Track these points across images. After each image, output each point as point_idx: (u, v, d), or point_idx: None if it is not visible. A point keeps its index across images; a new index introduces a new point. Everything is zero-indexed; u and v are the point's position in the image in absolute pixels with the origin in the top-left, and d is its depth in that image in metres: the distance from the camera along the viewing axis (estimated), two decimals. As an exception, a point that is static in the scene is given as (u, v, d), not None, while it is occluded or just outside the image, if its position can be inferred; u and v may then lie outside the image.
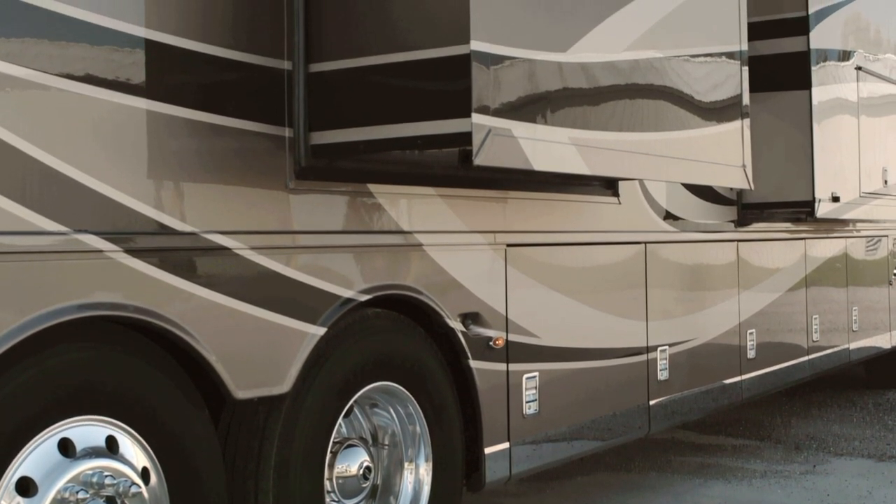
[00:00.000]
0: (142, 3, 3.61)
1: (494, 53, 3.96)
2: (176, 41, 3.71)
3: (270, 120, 4.01)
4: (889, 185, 9.09)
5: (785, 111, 7.43)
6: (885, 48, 9.27)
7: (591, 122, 4.62)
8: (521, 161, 4.16)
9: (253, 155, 3.95)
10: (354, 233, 4.35)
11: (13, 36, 3.24)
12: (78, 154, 3.38)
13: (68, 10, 3.38)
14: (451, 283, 4.79)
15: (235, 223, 3.85)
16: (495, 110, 3.96)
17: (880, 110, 8.99)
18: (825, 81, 7.71)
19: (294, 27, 4.06)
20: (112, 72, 3.50)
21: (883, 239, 10.17)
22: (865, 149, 8.49)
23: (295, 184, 4.07)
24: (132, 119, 3.56)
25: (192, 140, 3.74)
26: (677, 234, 6.70)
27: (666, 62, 5.18)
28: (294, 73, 4.05)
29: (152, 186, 3.61)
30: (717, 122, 5.69)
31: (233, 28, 3.90)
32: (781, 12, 7.45)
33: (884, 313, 10.12)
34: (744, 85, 5.93)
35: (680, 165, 5.38)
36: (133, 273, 3.50)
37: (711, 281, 7.14)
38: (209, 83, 3.83)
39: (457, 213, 4.83)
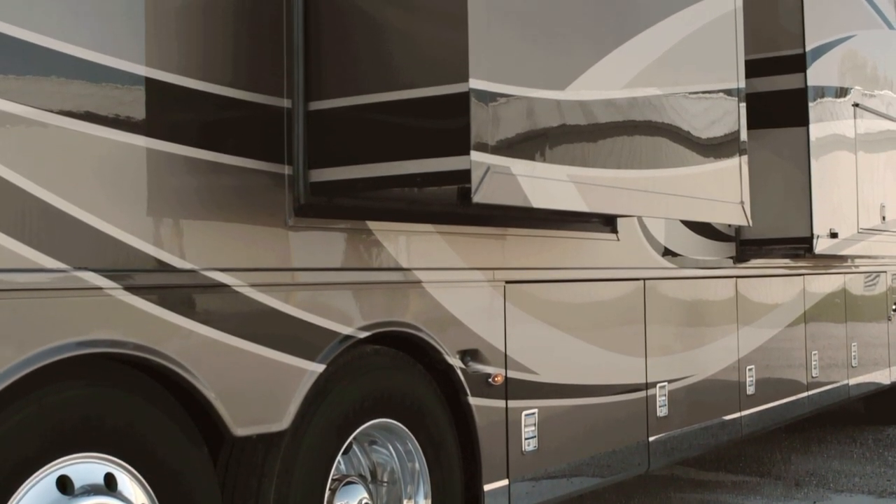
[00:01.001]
0: (142, 42, 3.63)
1: (493, 91, 3.98)
2: (176, 79, 3.73)
3: (270, 157, 4.02)
4: (887, 221, 9.11)
5: (783, 148, 7.46)
6: (881, 84, 9.31)
7: (589, 160, 4.64)
8: (519, 198, 4.17)
9: (252, 192, 3.96)
10: (353, 270, 4.35)
11: (13, 74, 3.26)
12: (78, 191, 3.39)
13: (69, 49, 3.40)
14: (450, 319, 4.80)
15: (235, 260, 3.85)
16: (494, 148, 3.98)
17: (878, 146, 9.02)
18: (823, 118, 7.74)
19: (294, 65, 4.08)
20: (112, 110, 3.52)
21: (881, 275, 10.17)
22: (863, 185, 8.51)
23: (294, 221, 4.08)
24: (132, 157, 3.57)
25: (192, 178, 3.76)
26: (676, 271, 6.71)
27: (664, 99, 5.21)
28: (293, 111, 4.07)
29: (152, 224, 3.62)
30: (715, 159, 5.71)
31: (232, 66, 3.92)
32: (778, 50, 7.49)
33: (883, 349, 10.11)
34: (741, 122, 5.96)
35: (678, 202, 5.39)
36: (132, 310, 3.51)
37: (710, 317, 7.14)
38: (209, 121, 3.85)
39: (455, 249, 4.84)
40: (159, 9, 3.69)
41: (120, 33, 3.56)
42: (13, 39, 3.26)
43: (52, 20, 3.36)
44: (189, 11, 3.80)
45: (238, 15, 3.97)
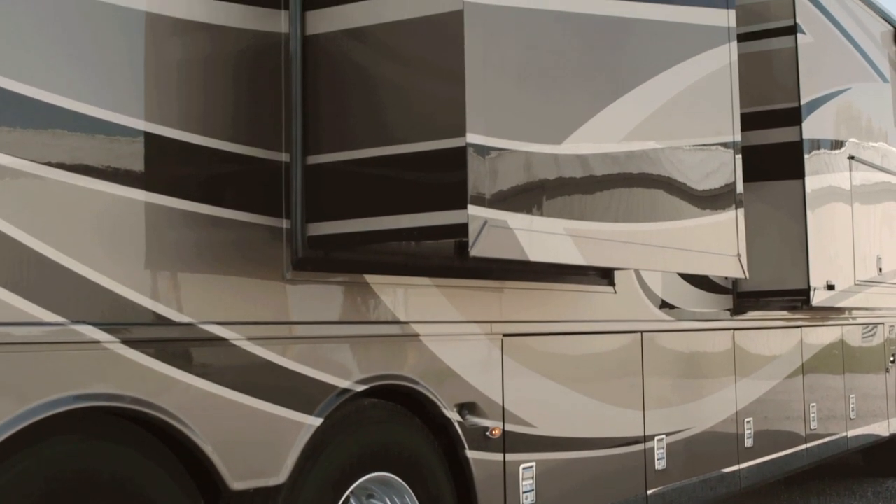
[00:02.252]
0: (141, 96, 3.65)
1: (490, 146, 4.01)
2: (175, 133, 3.75)
3: (268, 211, 4.04)
4: (884, 272, 9.13)
5: (779, 200, 7.49)
6: (876, 136, 9.36)
7: (586, 213, 4.66)
8: (517, 252, 4.18)
9: (250, 246, 3.97)
10: (351, 323, 4.36)
11: (12, 127, 3.28)
12: (76, 245, 3.40)
13: (68, 103, 3.42)
14: (448, 373, 4.79)
15: (232, 314, 3.86)
16: (491, 202, 3.99)
17: (873, 198, 9.06)
18: (818, 170, 7.78)
19: (292, 119, 4.11)
20: (111, 163, 3.53)
21: (879, 326, 10.18)
22: (859, 237, 8.54)
23: (292, 274, 4.09)
24: (130, 210, 3.58)
25: (190, 231, 3.77)
26: (673, 323, 6.71)
27: (660, 152, 5.24)
28: (292, 165, 4.09)
29: (149, 277, 3.62)
30: (711, 212, 5.73)
31: (231, 120, 3.95)
32: (774, 103, 7.55)
33: (881, 400, 10.09)
34: (738, 174, 5.99)
35: (675, 255, 5.40)
36: (129, 364, 3.50)
37: (708, 369, 7.14)
38: (207, 175, 3.87)
39: (453, 303, 4.85)
40: (159, 63, 3.72)
41: (120, 87, 3.59)
42: (12, 93, 3.28)
43: (52, 74, 3.39)
44: (188, 66, 3.83)
45: (237, 69, 4.00)
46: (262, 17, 4.11)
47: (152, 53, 3.71)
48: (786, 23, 7.53)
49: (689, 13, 5.62)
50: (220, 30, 3.95)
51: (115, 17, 3.61)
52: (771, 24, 7.56)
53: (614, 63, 4.99)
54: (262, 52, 4.10)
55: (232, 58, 3.98)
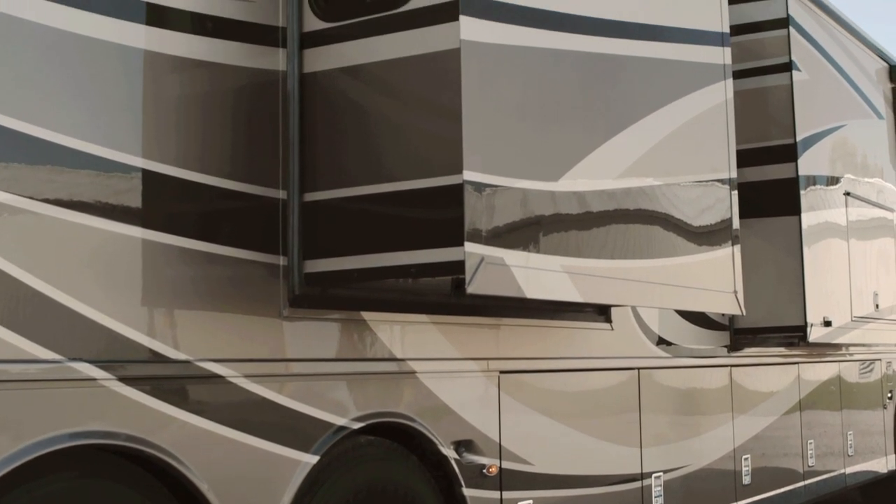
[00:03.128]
0: (138, 134, 3.66)
1: (486, 183, 4.01)
2: (172, 171, 3.76)
3: (265, 248, 4.04)
4: (880, 308, 9.13)
5: (775, 236, 7.50)
6: (872, 172, 9.38)
7: (583, 250, 4.66)
8: (513, 289, 4.18)
9: (247, 283, 3.97)
10: (348, 360, 4.35)
11: (9, 164, 3.28)
12: (72, 282, 3.40)
13: (66, 141, 3.43)
14: (445, 410, 4.78)
15: (229, 351, 3.85)
16: (487, 239, 4.00)
17: (869, 234, 9.07)
18: (814, 207, 7.79)
19: (289, 157, 4.12)
20: (108, 200, 3.54)
21: (876, 362, 10.17)
22: (856, 273, 8.54)
23: (289, 312, 4.09)
24: (127, 247, 3.59)
25: (187, 268, 3.77)
26: (670, 360, 6.71)
27: (657, 189, 5.25)
28: (289, 203, 4.10)
29: (146, 314, 3.62)
30: (707, 249, 5.74)
31: (228, 158, 3.95)
32: (770, 140, 7.57)
33: (879, 437, 10.07)
34: (734, 211, 6.00)
35: (672, 292, 5.40)
36: (125, 401, 3.50)
37: (705, 406, 7.12)
38: (204, 212, 3.87)
39: (450, 340, 4.84)
40: (156, 100, 3.74)
41: (117, 125, 3.60)
42: (9, 131, 3.28)
43: (50, 111, 3.40)
44: (185, 103, 3.84)
45: (234, 107, 4.01)
46: (260, 54, 4.13)
47: (150, 91, 3.72)
48: (781, 60, 7.56)
49: (685, 51, 5.64)
50: (217, 67, 3.96)
51: (113, 54, 3.62)
52: (766, 62, 7.59)
53: (611, 100, 5.01)
54: (259, 90, 4.11)
55: (229, 95, 4.00)
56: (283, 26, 4.21)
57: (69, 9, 3.49)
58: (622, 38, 5.07)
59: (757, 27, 7.64)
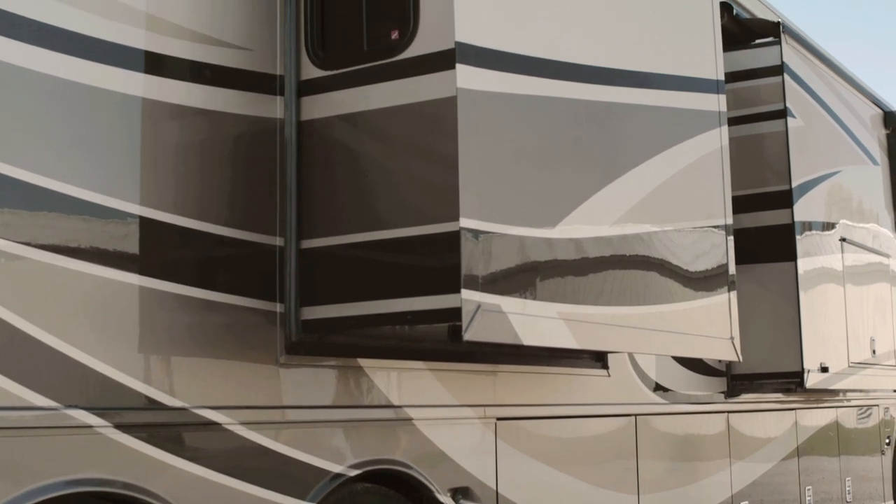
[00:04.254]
0: (137, 181, 3.68)
1: (483, 230, 4.03)
2: (169, 218, 3.77)
3: (262, 295, 4.05)
4: (877, 354, 9.12)
5: (771, 282, 7.50)
6: (867, 218, 9.41)
7: (579, 296, 4.67)
8: (510, 336, 4.19)
9: (244, 330, 3.97)
10: (344, 407, 4.35)
11: (7, 211, 3.30)
12: (69, 328, 3.41)
13: (64, 188, 3.45)
14: (441, 457, 4.77)
15: (226, 398, 3.85)
16: (484, 286, 4.01)
17: (865, 279, 9.08)
18: (810, 252, 7.80)
19: (287, 204, 4.14)
20: (106, 248, 3.55)
21: (874, 408, 10.15)
22: (852, 318, 8.54)
23: (286, 359, 4.09)
24: (124, 294, 3.59)
25: (184, 315, 3.78)
26: (667, 406, 6.69)
27: (653, 236, 5.26)
28: (286, 250, 4.11)
29: (143, 361, 3.62)
30: (704, 295, 5.74)
31: (226, 205, 3.97)
32: (765, 186, 7.59)
33: (877, 483, 10.03)
34: (730, 257, 6.01)
35: (668, 338, 5.41)
36: (122, 448, 3.49)
37: (702, 452, 7.10)
38: (201, 259, 3.89)
39: (447, 386, 4.84)
40: (155, 148, 3.76)
41: (115, 172, 3.62)
42: (8, 178, 3.30)
43: (48, 159, 3.42)
44: (184, 151, 3.86)
45: (232, 154, 4.03)
46: (258, 102, 4.15)
47: (148, 138, 3.74)
48: (776, 107, 7.60)
49: (681, 98, 5.68)
50: (215, 115, 3.99)
51: (111, 102, 3.64)
52: (761, 108, 7.63)
53: (607, 147, 5.03)
54: (257, 137, 4.14)
55: (227, 143, 4.02)
56: (281, 74, 4.24)
57: (68, 57, 3.52)
58: (618, 86, 5.10)
59: (752, 74, 7.69)
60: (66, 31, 3.52)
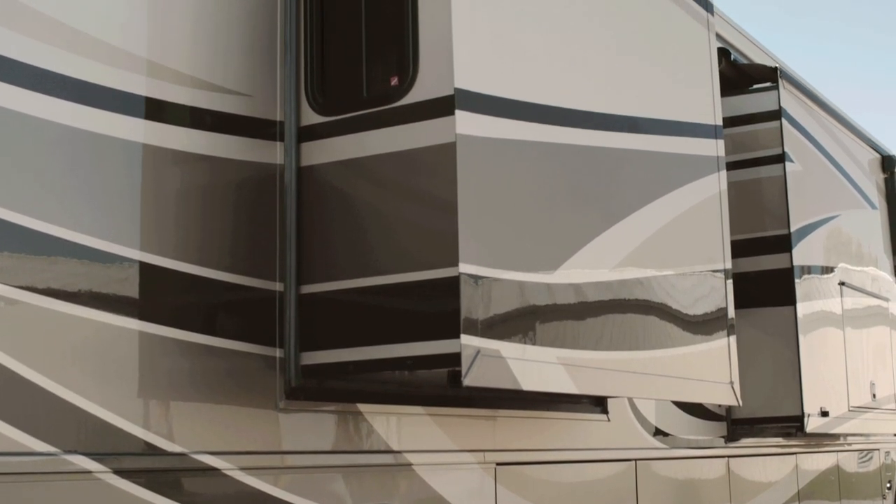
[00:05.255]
0: (137, 226, 3.69)
1: (482, 275, 4.04)
2: (170, 263, 3.78)
3: (261, 340, 4.05)
4: (877, 398, 9.10)
5: (771, 326, 7.50)
6: (866, 262, 9.41)
7: (579, 341, 4.67)
8: (509, 381, 4.18)
9: (243, 375, 3.97)
10: (344, 453, 4.34)
11: (8, 257, 3.31)
12: (68, 374, 3.41)
13: (64, 233, 3.46)
14: (441, 502, 4.75)
15: (225, 443, 3.84)
16: (483, 331, 4.01)
17: (865, 323, 9.07)
18: (809, 296, 7.81)
19: (286, 250, 4.15)
20: (104, 293, 3.56)
21: (874, 452, 10.12)
22: (852, 362, 8.53)
23: (285, 404, 4.09)
24: (123, 339, 3.60)
25: (184, 360, 3.78)
26: (667, 451, 6.68)
27: (653, 281, 5.27)
28: (286, 295, 4.12)
29: (142, 406, 3.62)
30: (703, 339, 5.74)
31: (226, 250, 3.98)
32: (764, 230, 7.61)
33: (879, 528, 9.99)
34: (729, 301, 6.01)
35: (668, 383, 5.40)
36: (120, 494, 3.48)
37: (703, 497, 7.07)
38: (201, 304, 3.89)
39: (446, 431, 4.83)
40: (156, 194, 3.77)
41: (116, 218, 3.63)
42: (9, 224, 3.31)
43: (50, 204, 3.43)
44: (184, 196, 3.88)
45: (232, 200, 4.05)
46: (258, 148, 4.17)
47: (148, 184, 3.76)
48: (774, 151, 7.63)
49: (680, 143, 5.70)
50: (216, 161, 4.01)
51: (112, 148, 3.66)
52: (759, 153, 7.66)
53: (606, 192, 5.05)
54: (257, 183, 4.15)
55: (228, 188, 4.04)
56: (281, 120, 4.26)
57: (70, 103, 3.54)
58: (617, 132, 5.12)
59: (750, 119, 7.72)
60: (67, 77, 3.55)
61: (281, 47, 4.30)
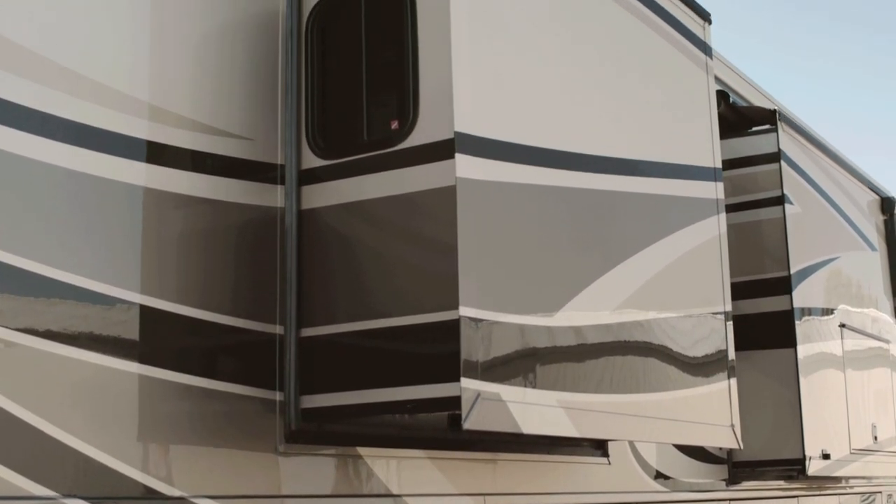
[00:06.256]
0: (138, 270, 3.70)
1: (482, 318, 4.03)
2: (170, 307, 3.79)
3: (261, 384, 4.05)
4: (879, 441, 9.08)
5: (771, 369, 7.49)
6: (866, 303, 9.41)
7: (579, 384, 4.66)
8: (510, 425, 4.17)
9: (243, 418, 3.97)
10: (344, 496, 4.32)
11: (9, 300, 3.31)
12: (67, 417, 3.40)
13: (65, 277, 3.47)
14: (441, 546, 4.74)
15: (224, 487, 3.83)
16: (484, 374, 4.00)
17: (865, 365, 9.06)
18: (810, 339, 7.80)
19: (287, 292, 4.15)
20: (104, 336, 3.55)
21: (877, 495, 10.07)
22: (853, 405, 8.51)
23: (285, 447, 4.08)
24: (123, 383, 3.59)
25: (183, 404, 3.77)
26: (668, 494, 6.65)
27: (653, 323, 5.26)
28: (286, 338, 4.12)
29: (141, 450, 3.61)
30: (704, 382, 5.73)
31: (226, 293, 3.98)
32: (764, 273, 7.61)
33: (881, 572, 9.93)
34: (729, 343, 6.00)
35: (669, 426, 5.39)
36: (119, 539, 3.48)
37: (704, 541, 7.05)
38: (201, 347, 3.89)
39: (446, 475, 4.81)
40: (157, 237, 3.78)
41: (117, 261, 3.64)
42: (11, 267, 3.32)
43: (51, 249, 3.44)
44: (185, 239, 3.88)
45: (233, 243, 4.06)
46: (259, 191, 4.19)
47: (149, 227, 3.77)
48: (773, 194, 7.65)
49: (679, 186, 5.72)
50: (216, 204, 4.02)
51: (113, 191, 3.67)
52: (759, 195, 7.68)
53: (606, 235, 5.05)
54: (258, 226, 4.16)
55: (228, 231, 4.04)
56: (282, 163, 4.27)
57: (71, 147, 3.55)
58: (616, 175, 5.14)
59: (749, 161, 7.74)
60: (69, 121, 3.56)
61: (282, 91, 4.32)
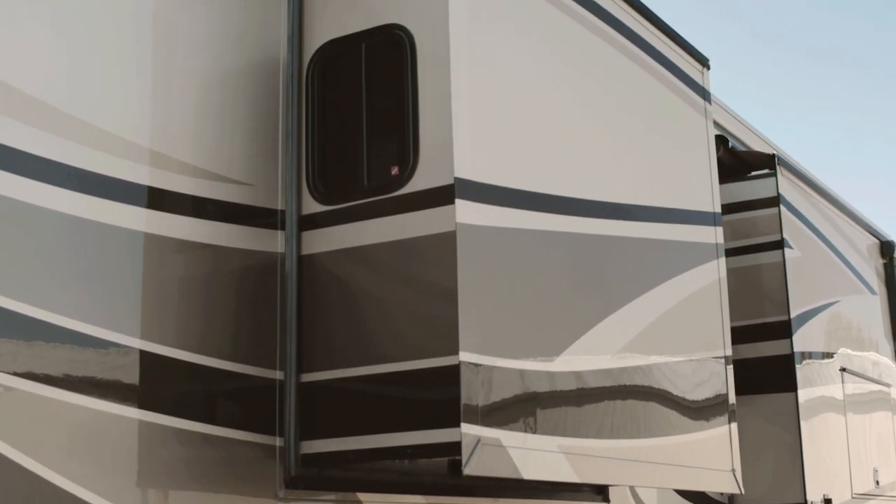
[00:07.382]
0: (138, 315, 3.70)
1: (482, 363, 4.03)
2: (170, 352, 3.79)
3: (261, 429, 4.04)
4: (881, 485, 9.04)
5: (772, 413, 7.47)
6: (866, 347, 9.40)
7: (579, 429, 4.65)
8: (510, 470, 4.16)
9: (243, 464, 3.96)
10: (343, 542, 4.31)
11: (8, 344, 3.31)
12: (66, 462, 3.40)
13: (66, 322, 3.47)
14: (441, 592, 4.71)
15: (224, 534, 3.82)
16: (484, 420, 4.00)
17: (867, 409, 9.04)
18: (810, 382, 7.79)
19: (287, 338, 4.15)
20: (105, 381, 3.55)
21: (879, 540, 10.01)
22: (855, 449, 8.48)
23: (284, 493, 4.06)
24: (123, 428, 3.59)
25: (182, 449, 3.77)
26: (669, 539, 6.62)
27: (653, 368, 5.26)
28: (286, 383, 4.12)
29: (140, 495, 3.61)
30: (705, 426, 5.72)
31: (226, 339, 3.98)
32: (764, 317, 7.61)
33: None
34: (730, 388, 6.00)
35: (669, 471, 5.37)
36: (118, 586, 3.46)
37: (706, 586, 7.00)
38: (201, 393, 3.89)
39: (446, 521, 4.80)
40: (157, 283, 3.79)
41: (118, 307, 3.64)
42: (11, 312, 3.32)
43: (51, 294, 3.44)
44: (185, 285, 3.89)
45: (233, 288, 4.07)
46: (260, 237, 4.20)
47: (150, 273, 3.78)
48: (773, 238, 7.66)
49: (679, 231, 5.73)
50: (217, 250, 4.03)
51: (115, 237, 3.68)
52: (759, 240, 7.69)
53: (606, 280, 5.06)
54: (258, 272, 4.17)
55: (229, 277, 4.05)
56: (283, 209, 4.29)
57: (73, 193, 3.57)
58: (615, 220, 5.16)
59: (748, 206, 7.76)
60: (71, 167, 3.58)
61: (282, 137, 4.34)
